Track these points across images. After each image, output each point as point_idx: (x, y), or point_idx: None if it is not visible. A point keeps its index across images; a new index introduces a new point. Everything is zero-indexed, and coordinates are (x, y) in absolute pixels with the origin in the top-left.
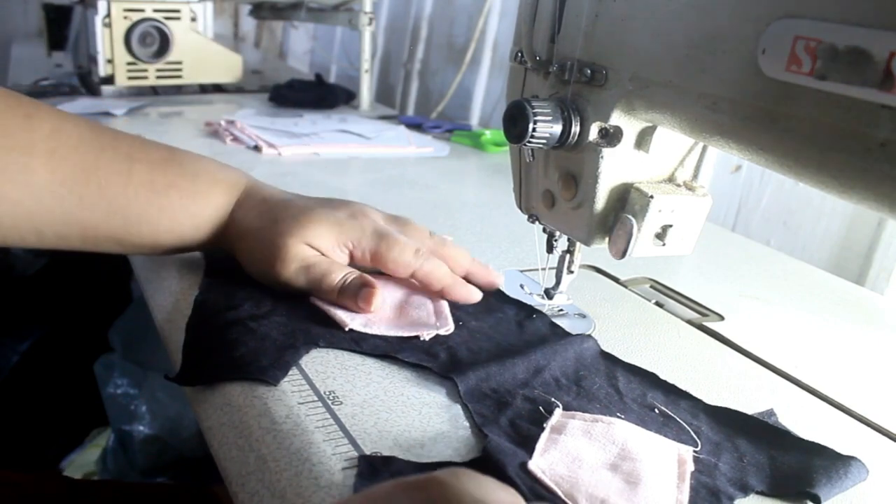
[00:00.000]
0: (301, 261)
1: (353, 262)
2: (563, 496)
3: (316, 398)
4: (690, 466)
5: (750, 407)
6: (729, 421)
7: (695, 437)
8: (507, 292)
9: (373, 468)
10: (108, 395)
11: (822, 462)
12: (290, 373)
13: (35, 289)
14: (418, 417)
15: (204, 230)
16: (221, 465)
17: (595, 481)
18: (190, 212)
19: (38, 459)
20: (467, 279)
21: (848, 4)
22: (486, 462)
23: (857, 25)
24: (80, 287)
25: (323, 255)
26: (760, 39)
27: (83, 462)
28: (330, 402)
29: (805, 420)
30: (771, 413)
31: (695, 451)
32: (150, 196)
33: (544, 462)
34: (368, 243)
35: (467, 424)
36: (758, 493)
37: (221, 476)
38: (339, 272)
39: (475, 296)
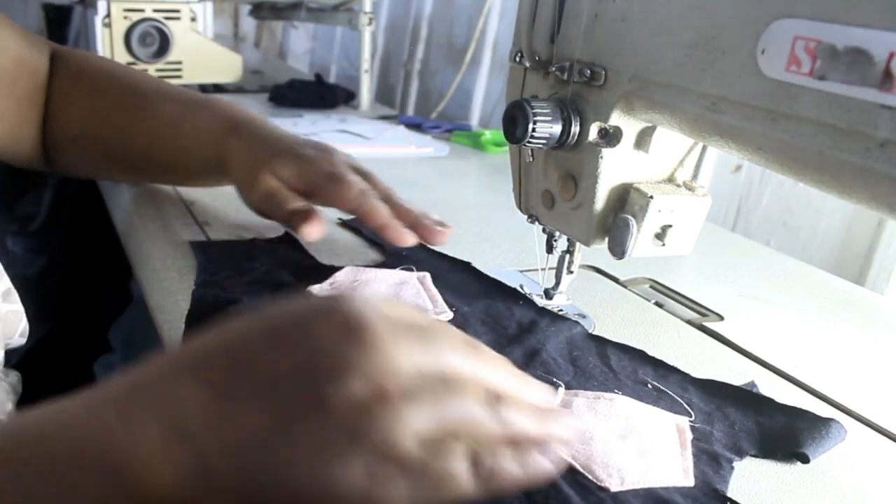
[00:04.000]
0: (265, 189)
1: (310, 195)
2: (581, 469)
3: None
4: (689, 435)
5: None
6: (716, 392)
7: (688, 408)
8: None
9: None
10: None
11: (805, 424)
12: None
13: (35, 289)
14: None
15: (200, 157)
16: None
17: (608, 453)
18: (190, 140)
19: None
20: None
21: (848, 4)
22: None
23: (857, 25)
24: (80, 287)
25: (286, 184)
26: (760, 39)
27: None
28: None
29: None
30: (752, 385)
31: (690, 421)
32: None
33: None
34: (321, 179)
35: None
36: (751, 455)
37: None
38: (294, 202)
39: (407, 240)
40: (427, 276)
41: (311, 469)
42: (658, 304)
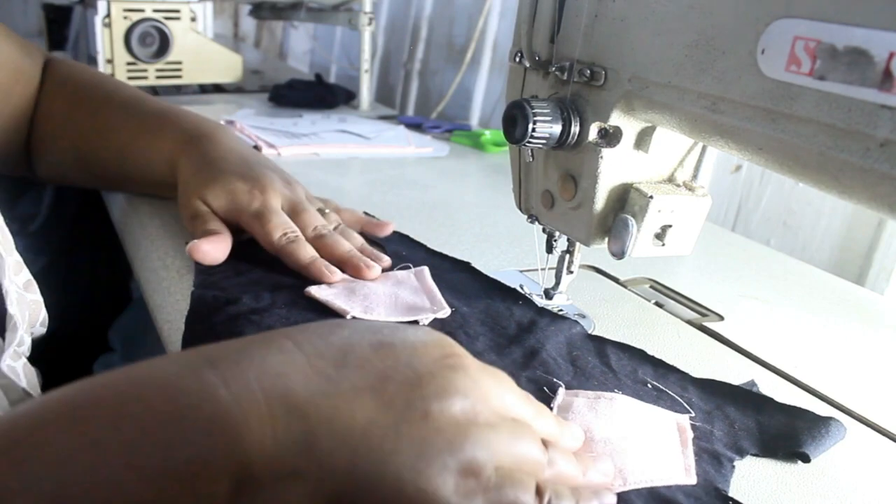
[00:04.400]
0: (193, 212)
1: (239, 228)
2: None
3: None
4: (690, 434)
5: None
6: (716, 391)
7: (688, 407)
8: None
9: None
10: None
11: (805, 423)
12: None
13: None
14: None
15: (156, 169)
16: None
17: (609, 453)
18: (146, 155)
19: None
20: (363, 234)
21: (848, 4)
22: None
23: (857, 25)
24: (80, 287)
25: (216, 213)
26: (760, 39)
27: None
28: None
29: None
30: (752, 384)
31: (691, 420)
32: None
33: None
34: (247, 217)
35: None
36: (752, 455)
37: None
38: (213, 224)
39: (330, 277)
40: (425, 269)
41: (412, 467)
42: (658, 304)
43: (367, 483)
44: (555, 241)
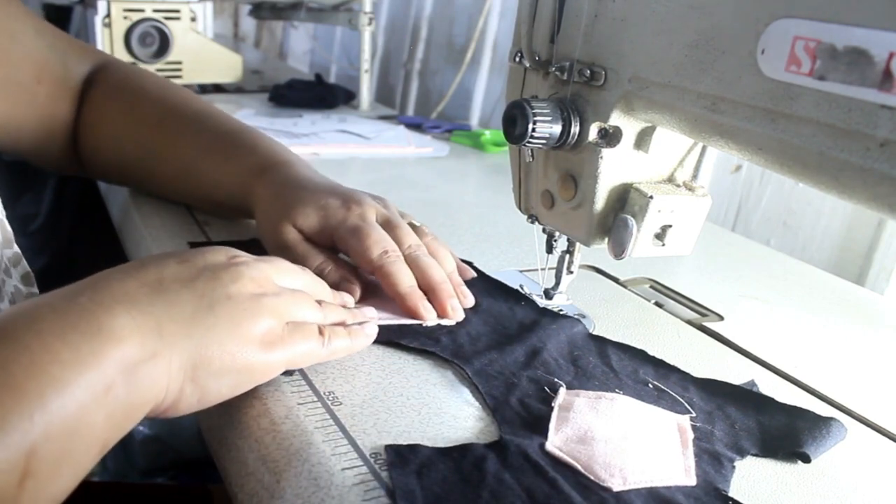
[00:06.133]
0: (283, 243)
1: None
2: (582, 470)
3: (315, 399)
4: (691, 434)
5: None
6: (717, 391)
7: (689, 407)
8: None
9: (401, 456)
10: None
11: (806, 424)
12: (290, 373)
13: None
14: (417, 418)
15: (228, 194)
16: (221, 465)
17: (609, 453)
18: (215, 176)
19: None
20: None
21: (848, 4)
22: (507, 448)
23: (857, 25)
24: None
25: (307, 237)
26: (760, 39)
27: None
28: (329, 403)
29: None
30: (752, 384)
31: (692, 420)
32: (202, 156)
33: (559, 440)
34: (342, 233)
35: (468, 425)
36: (752, 455)
37: (221, 476)
38: (315, 259)
39: (425, 317)
40: None
41: (229, 333)
42: (658, 304)
43: (204, 351)
44: (555, 241)
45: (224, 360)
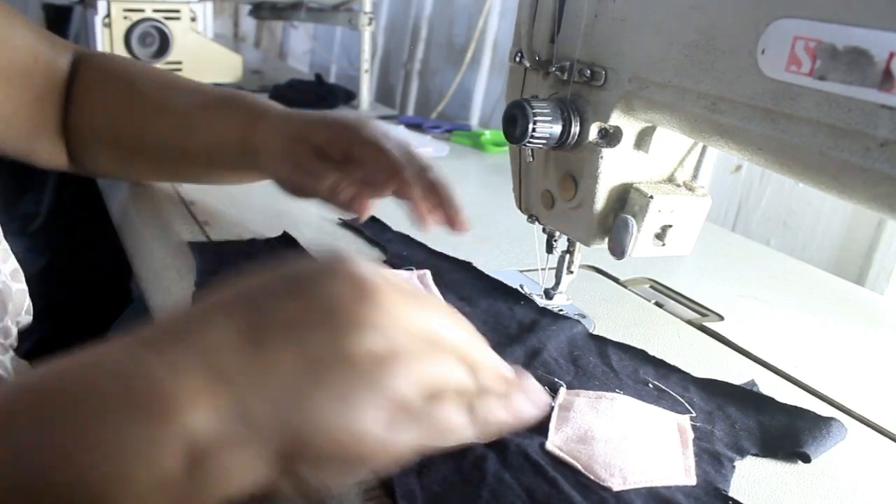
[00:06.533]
0: (296, 159)
1: (346, 163)
2: (582, 469)
3: None
4: (691, 434)
5: None
6: (717, 391)
7: (689, 407)
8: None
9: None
10: None
11: (806, 424)
12: None
13: (35, 289)
14: None
15: (224, 146)
16: None
17: (609, 452)
18: (215, 132)
19: None
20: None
21: (848, 4)
22: (507, 447)
23: (857, 25)
24: (80, 287)
25: (320, 151)
26: (760, 39)
27: None
28: None
29: None
30: (753, 384)
31: (692, 420)
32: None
33: (559, 439)
34: (359, 144)
35: None
36: (752, 455)
37: None
38: (330, 176)
39: (429, 225)
40: (427, 273)
41: (340, 412)
42: (658, 304)
43: (303, 438)
44: (555, 241)
45: (331, 448)
